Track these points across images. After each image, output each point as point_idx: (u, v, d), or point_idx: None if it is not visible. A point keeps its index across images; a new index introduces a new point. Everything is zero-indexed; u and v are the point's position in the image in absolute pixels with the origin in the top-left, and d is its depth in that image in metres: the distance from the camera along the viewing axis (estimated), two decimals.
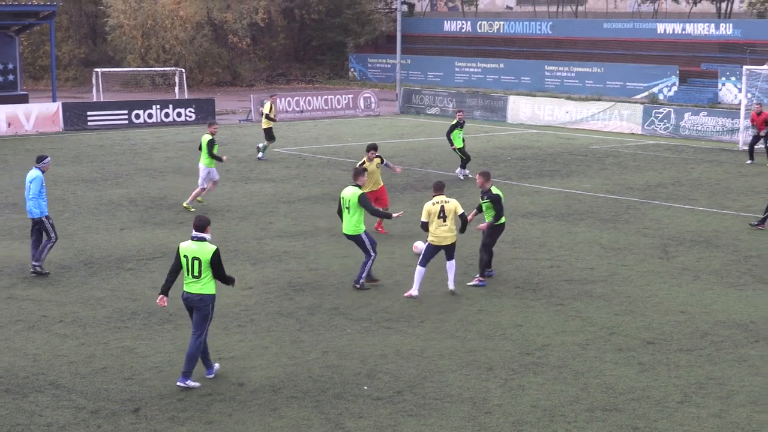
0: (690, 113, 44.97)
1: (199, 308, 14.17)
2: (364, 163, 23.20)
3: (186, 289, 14.21)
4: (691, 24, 56.98)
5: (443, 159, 36.45)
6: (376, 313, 17.78)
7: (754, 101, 38.06)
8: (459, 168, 32.82)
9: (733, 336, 16.53)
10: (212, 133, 27.35)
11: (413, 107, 54.27)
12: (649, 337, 16.43)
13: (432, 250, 18.70)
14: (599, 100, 49.91)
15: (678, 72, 51.92)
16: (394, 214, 20.17)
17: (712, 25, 56.06)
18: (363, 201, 19.14)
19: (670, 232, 24.62)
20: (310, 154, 38.45)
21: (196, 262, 14.09)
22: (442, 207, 18.46)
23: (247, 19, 71.24)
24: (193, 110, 48.40)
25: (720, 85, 49.93)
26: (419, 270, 18.68)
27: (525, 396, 13.90)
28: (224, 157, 28.17)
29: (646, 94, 52.20)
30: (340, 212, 19.53)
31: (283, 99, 51.21)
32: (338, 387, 14.22)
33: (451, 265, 18.81)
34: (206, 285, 14.16)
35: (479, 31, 66.56)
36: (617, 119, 46.07)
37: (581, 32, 61.43)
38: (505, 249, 22.25)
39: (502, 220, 19.70)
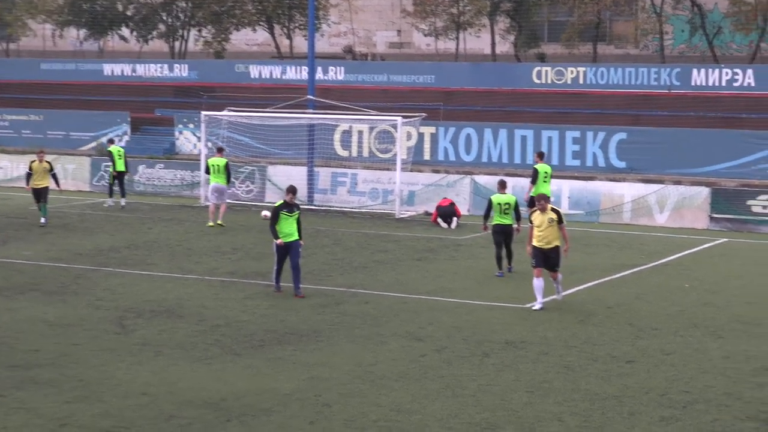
0: (145, 165, 45.17)
1: None
2: None
3: None
4: (143, 65, 57.43)
5: None
6: None
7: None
8: None
9: (202, 417, 16.62)
10: None
11: None
12: (108, 425, 16.16)
13: None
14: (33, 153, 48.89)
15: (129, 119, 52.02)
16: None
17: (166, 66, 56.90)
18: None
19: (126, 303, 24.65)
20: None
21: None
22: None
23: None
24: None
25: (177, 133, 50.70)
26: None
27: None
28: None
29: (94, 144, 51.74)
30: None
31: None
32: None
33: None
34: None
35: None
36: (61, 175, 45.19)
37: (16, 74, 59.94)
38: None
39: None
